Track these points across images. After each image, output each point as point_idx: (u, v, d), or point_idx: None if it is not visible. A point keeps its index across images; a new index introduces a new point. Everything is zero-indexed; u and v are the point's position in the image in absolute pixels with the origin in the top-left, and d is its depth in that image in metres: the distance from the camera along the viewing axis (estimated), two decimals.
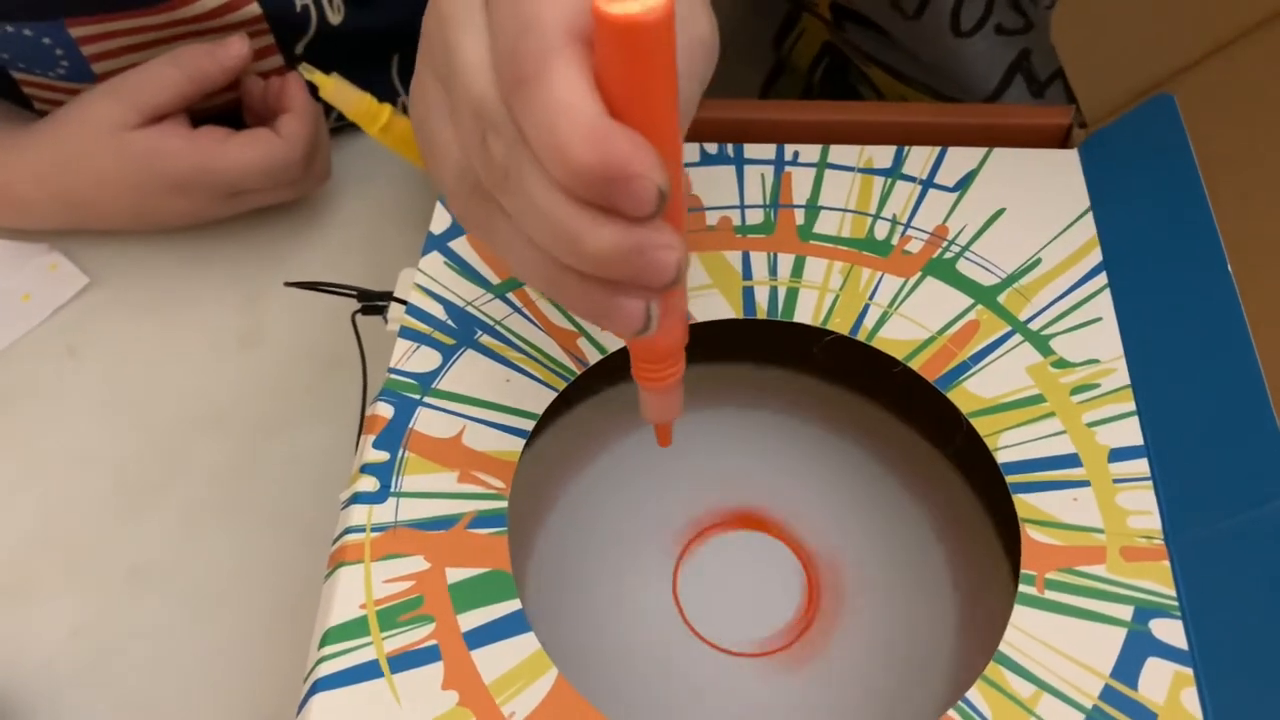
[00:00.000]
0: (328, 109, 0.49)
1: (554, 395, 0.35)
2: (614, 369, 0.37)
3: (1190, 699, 0.28)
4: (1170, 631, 0.29)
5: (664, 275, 0.23)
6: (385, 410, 0.34)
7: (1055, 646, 0.29)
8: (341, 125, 0.56)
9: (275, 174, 0.48)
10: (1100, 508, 0.32)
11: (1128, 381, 0.34)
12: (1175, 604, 0.30)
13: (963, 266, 0.37)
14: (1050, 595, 0.30)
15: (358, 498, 0.32)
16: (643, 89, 0.22)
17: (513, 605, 0.30)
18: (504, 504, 0.32)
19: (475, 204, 0.26)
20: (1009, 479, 0.32)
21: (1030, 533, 0.31)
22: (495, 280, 0.37)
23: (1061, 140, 0.42)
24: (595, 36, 0.21)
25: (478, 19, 0.24)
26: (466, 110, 0.24)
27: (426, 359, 0.35)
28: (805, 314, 0.36)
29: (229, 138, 0.47)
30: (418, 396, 0.34)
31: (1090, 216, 0.38)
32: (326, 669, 0.29)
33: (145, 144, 0.46)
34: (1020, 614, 0.30)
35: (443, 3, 0.25)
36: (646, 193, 0.21)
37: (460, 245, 0.38)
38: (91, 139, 0.46)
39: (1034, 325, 0.36)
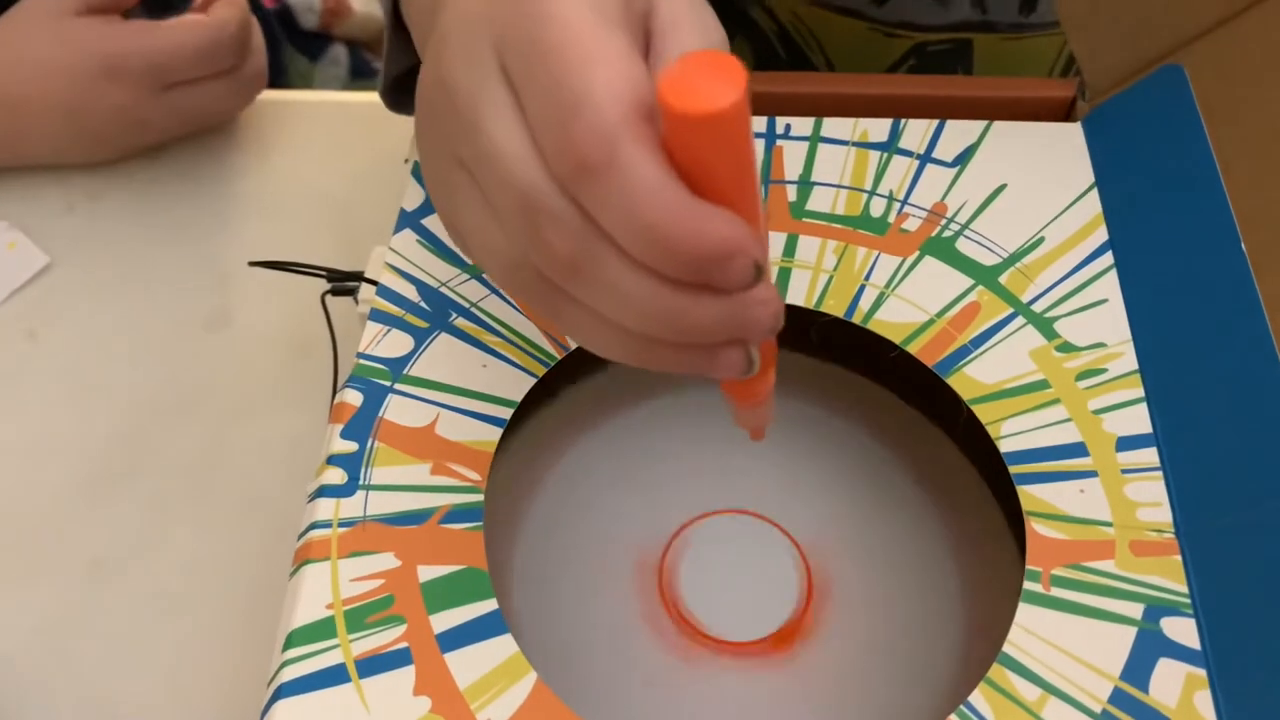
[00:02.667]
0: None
1: (533, 381, 0.33)
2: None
3: (1204, 702, 0.27)
4: (1182, 631, 0.28)
5: (764, 329, 0.22)
6: (354, 398, 0.32)
7: (1062, 647, 0.28)
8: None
9: (205, 56, 0.49)
10: (1108, 499, 0.30)
11: (1136, 366, 0.33)
12: (1188, 601, 0.28)
13: (962, 245, 0.36)
14: (1057, 593, 0.29)
15: (324, 491, 0.31)
16: (722, 166, 0.21)
17: (489, 605, 0.29)
18: (480, 497, 0.31)
19: (537, 293, 0.24)
20: (1012, 469, 0.31)
21: (1035, 526, 0.30)
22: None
23: (1065, 113, 0.40)
24: (667, 125, 0.20)
25: (501, 95, 0.22)
26: (512, 203, 0.22)
27: (398, 343, 0.34)
28: (798, 296, 0.35)
29: (160, 23, 0.49)
30: (388, 383, 0.33)
31: (1095, 193, 0.37)
32: (291, 673, 0.28)
33: (82, 28, 0.48)
34: (1025, 612, 0.28)
35: (449, 73, 0.23)
36: (745, 269, 0.21)
37: (434, 222, 0.37)
38: (34, 24, 0.48)
39: (1037, 307, 0.34)
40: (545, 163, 0.22)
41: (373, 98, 0.57)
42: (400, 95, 0.36)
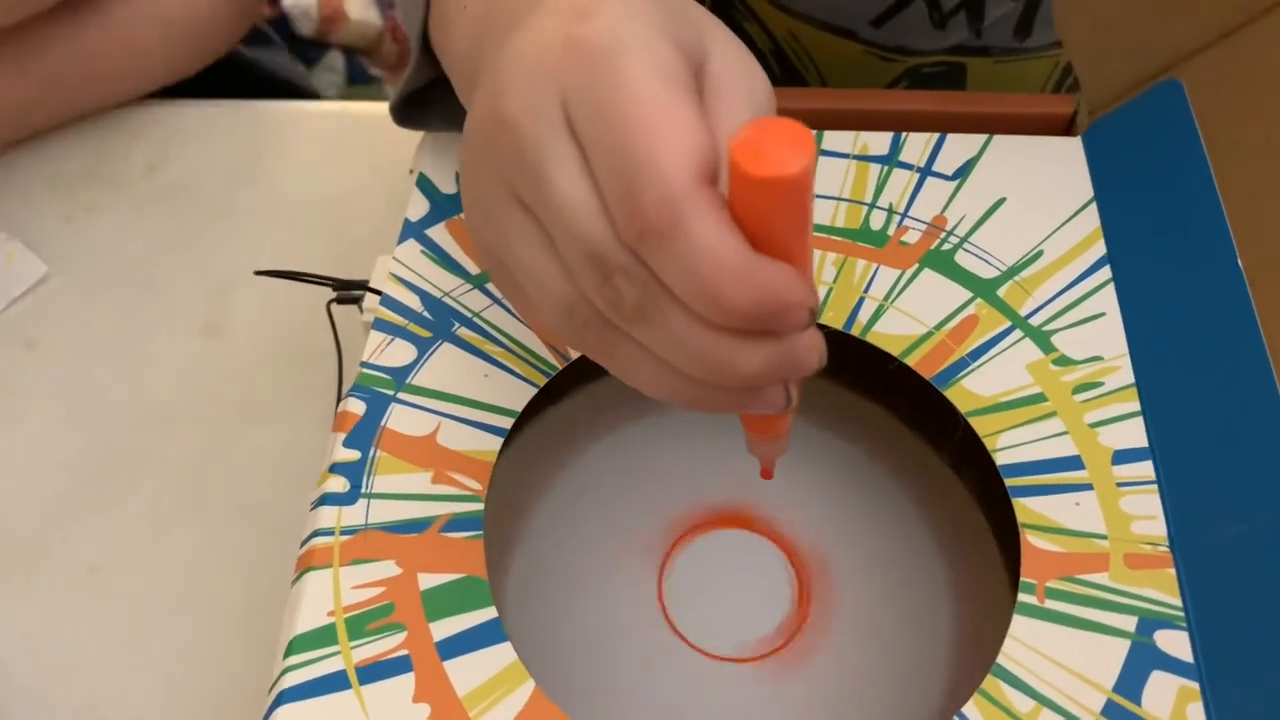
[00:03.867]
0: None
1: (534, 391, 0.33)
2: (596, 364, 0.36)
3: (1196, 714, 0.27)
4: (1175, 643, 0.28)
5: (809, 370, 0.23)
6: (356, 406, 0.33)
7: (1055, 659, 0.28)
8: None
9: None
10: (1103, 512, 0.30)
11: (1132, 380, 0.33)
12: (1181, 614, 0.29)
13: (961, 258, 0.36)
14: (1051, 605, 0.29)
15: (326, 499, 0.31)
16: (785, 224, 0.21)
17: (488, 613, 0.29)
18: (480, 506, 0.31)
19: (590, 335, 0.25)
20: (1008, 482, 0.31)
21: (1030, 539, 0.30)
22: (474, 270, 0.36)
23: (1065, 128, 0.40)
24: (735, 185, 0.21)
25: (568, 149, 0.23)
26: (580, 253, 0.23)
27: (401, 352, 0.34)
28: None
29: None
30: (391, 392, 0.33)
31: (1094, 207, 0.37)
32: (292, 679, 0.28)
33: None
34: (1019, 624, 0.29)
35: (513, 119, 0.23)
36: (800, 318, 0.22)
37: (438, 233, 0.37)
38: None
39: (1035, 320, 0.34)
40: (613, 220, 0.22)
41: (373, 106, 0.57)
42: (409, 111, 0.37)
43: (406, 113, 0.37)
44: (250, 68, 0.65)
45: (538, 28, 0.24)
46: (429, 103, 0.35)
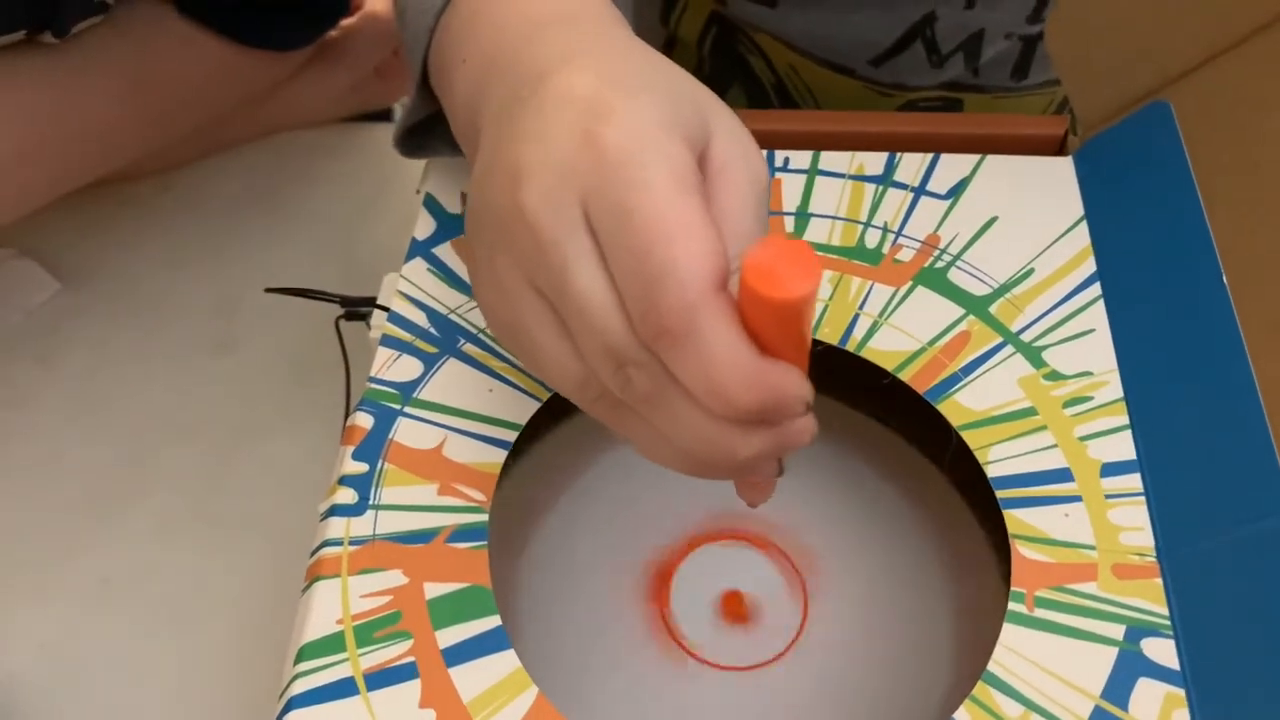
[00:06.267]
0: None
1: (538, 405, 0.34)
2: None
3: None
4: (1162, 651, 0.29)
5: (801, 445, 0.25)
6: (365, 420, 0.33)
7: (1045, 666, 0.29)
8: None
9: None
10: (1092, 524, 0.31)
11: (1121, 395, 0.34)
12: (1168, 623, 0.29)
13: (954, 276, 0.37)
14: (1040, 614, 0.30)
15: (335, 510, 0.32)
16: (791, 333, 0.23)
17: (492, 621, 0.30)
18: (485, 517, 0.32)
19: (603, 408, 0.26)
20: (999, 494, 0.32)
21: (1021, 549, 0.31)
22: None
23: (1056, 148, 0.41)
24: (745, 301, 0.23)
25: (586, 245, 0.24)
26: (597, 345, 0.24)
27: (408, 368, 0.35)
28: None
29: None
30: (398, 406, 0.34)
31: (1084, 225, 0.38)
32: (301, 685, 0.28)
33: None
34: (1010, 633, 0.29)
35: (531, 210, 0.24)
36: (797, 410, 0.24)
37: (444, 251, 0.38)
38: None
39: (1026, 336, 0.35)
40: (629, 318, 0.24)
41: (381, 127, 0.58)
42: (412, 140, 0.37)
43: (410, 143, 0.37)
44: None
45: (554, 120, 0.25)
46: (431, 131, 0.36)
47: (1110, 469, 0.32)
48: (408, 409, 0.34)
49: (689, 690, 0.34)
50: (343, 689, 0.28)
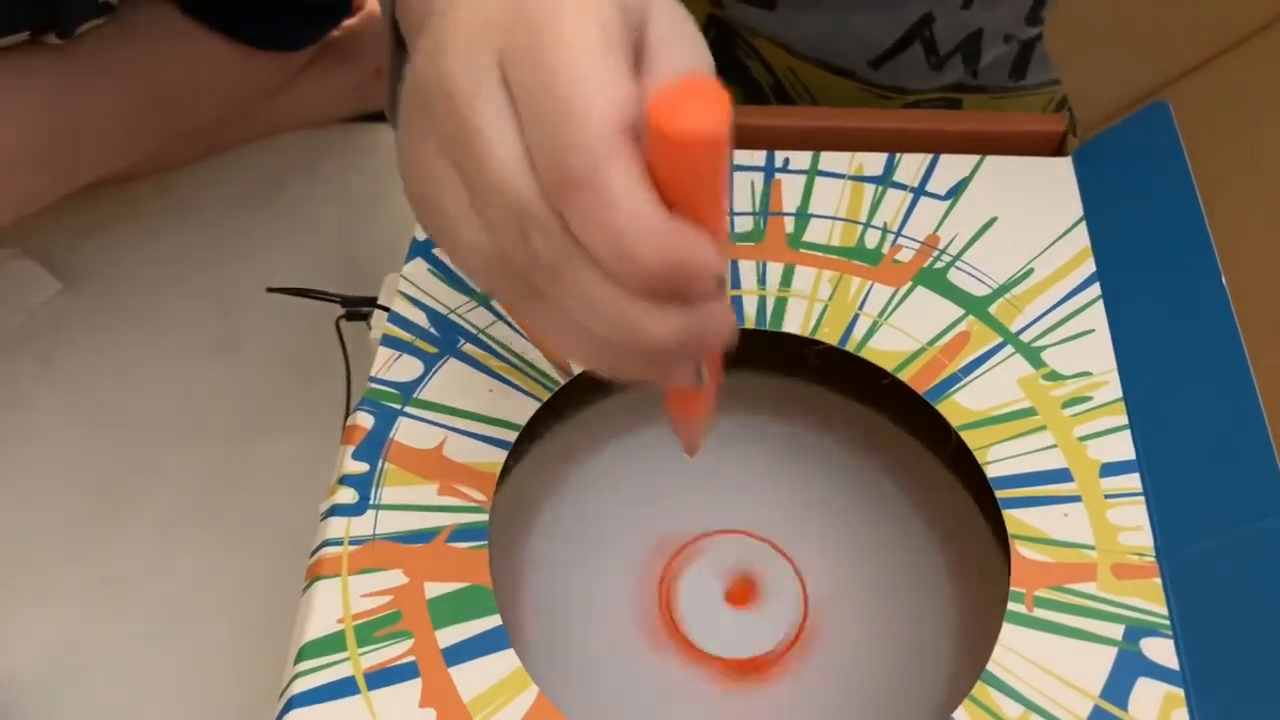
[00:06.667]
0: None
1: (538, 405, 0.34)
2: (600, 378, 0.36)
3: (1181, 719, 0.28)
4: (1161, 651, 0.29)
5: (718, 345, 0.24)
6: (365, 420, 0.34)
7: (1044, 666, 0.29)
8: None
9: None
10: (1091, 523, 0.31)
11: (1120, 395, 0.34)
12: (1166, 623, 0.29)
13: (954, 276, 0.37)
14: (1040, 613, 0.30)
15: (336, 510, 0.32)
16: (699, 186, 0.22)
17: (492, 621, 0.30)
18: (485, 517, 0.32)
19: (509, 291, 0.25)
20: (999, 494, 0.32)
21: (1020, 549, 0.31)
22: (479, 288, 0.37)
23: (1055, 148, 0.41)
24: (652, 143, 0.21)
25: (500, 103, 0.23)
26: (499, 206, 0.23)
27: (408, 368, 0.35)
28: (794, 324, 0.36)
29: None
30: (399, 406, 0.34)
31: (1084, 226, 0.38)
32: (302, 685, 0.29)
33: None
34: (1009, 632, 0.29)
35: (449, 77, 0.24)
36: (708, 284, 0.23)
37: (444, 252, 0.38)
38: None
39: (1025, 337, 0.35)
40: (536, 173, 0.23)
41: (382, 127, 0.58)
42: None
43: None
44: None
45: None
46: None
47: (1109, 469, 0.32)
48: (408, 409, 0.34)
49: (690, 690, 0.34)
50: (343, 688, 0.28)
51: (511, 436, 0.34)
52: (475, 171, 0.24)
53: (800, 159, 0.40)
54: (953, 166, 0.40)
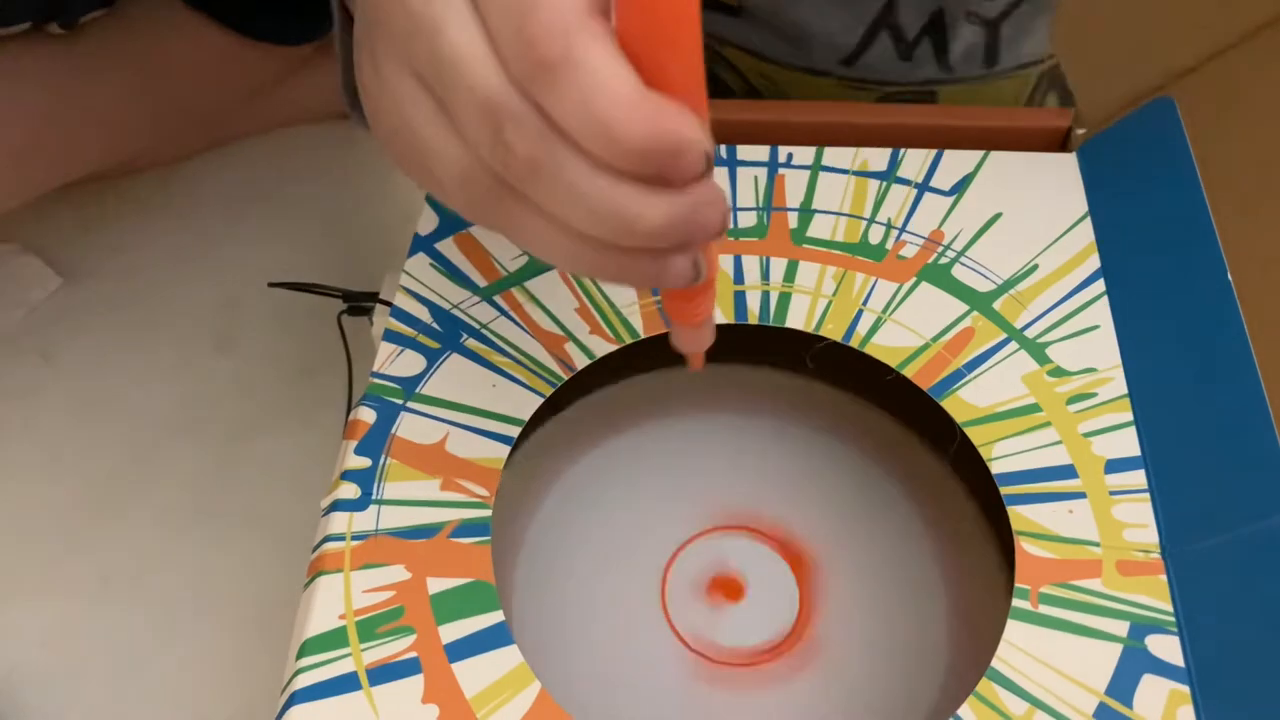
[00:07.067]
0: None
1: (540, 401, 0.34)
2: (602, 374, 0.36)
3: (1186, 716, 0.28)
4: (1167, 648, 0.29)
5: (713, 229, 0.23)
6: (367, 415, 0.33)
7: (1049, 663, 0.29)
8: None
9: None
10: (1096, 520, 0.31)
11: (1125, 391, 0.33)
12: (1172, 620, 0.29)
13: (958, 272, 0.37)
14: (1045, 610, 0.30)
15: (338, 505, 0.32)
16: (674, 54, 0.21)
17: (495, 617, 0.30)
18: (487, 512, 0.32)
19: (490, 204, 0.24)
20: (1003, 490, 0.32)
21: (1025, 545, 0.31)
22: (482, 283, 0.37)
23: (1060, 143, 0.41)
24: (621, 12, 0.21)
25: (459, 2, 0.23)
26: (471, 107, 0.23)
27: (411, 363, 0.35)
28: (797, 320, 0.36)
29: None
30: (401, 401, 0.34)
31: (1088, 222, 0.38)
32: (304, 680, 0.28)
33: None
34: (1014, 629, 0.29)
35: None
36: (697, 161, 0.21)
37: (447, 247, 0.38)
38: None
39: (1030, 333, 0.35)
40: (505, 65, 0.22)
41: None
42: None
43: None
44: None
45: None
46: None
47: (1114, 465, 0.32)
48: (410, 404, 0.34)
49: (692, 687, 0.34)
50: (345, 684, 0.28)
51: (514, 432, 0.33)
52: (440, 74, 0.23)
53: (804, 154, 0.40)
54: (957, 162, 0.40)
